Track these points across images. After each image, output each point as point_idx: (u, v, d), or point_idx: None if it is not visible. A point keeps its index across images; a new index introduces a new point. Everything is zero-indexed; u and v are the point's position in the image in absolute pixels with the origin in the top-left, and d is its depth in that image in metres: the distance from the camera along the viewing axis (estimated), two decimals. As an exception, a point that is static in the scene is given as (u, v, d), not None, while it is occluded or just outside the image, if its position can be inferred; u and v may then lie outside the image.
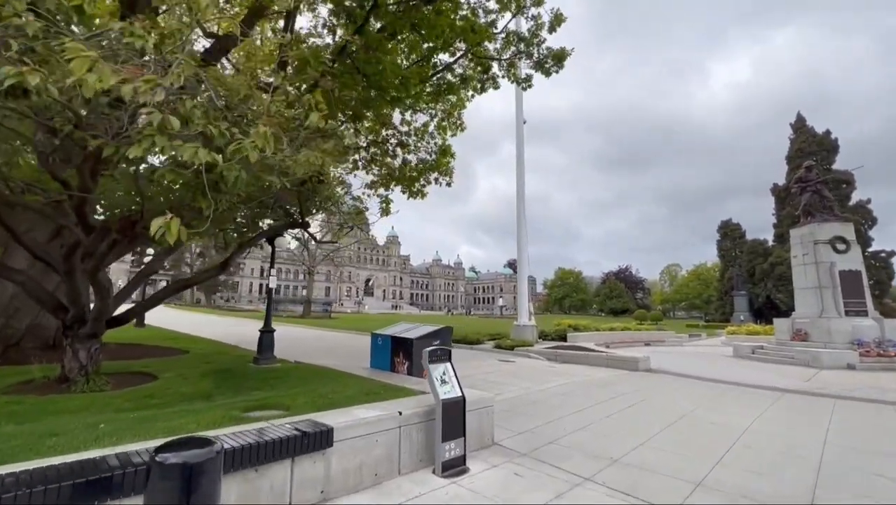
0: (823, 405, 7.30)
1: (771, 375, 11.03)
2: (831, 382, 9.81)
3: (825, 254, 14.29)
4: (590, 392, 7.80)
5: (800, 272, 15.05)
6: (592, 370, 11.00)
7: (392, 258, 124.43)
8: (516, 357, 13.55)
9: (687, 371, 11.45)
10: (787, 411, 6.75)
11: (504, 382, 8.54)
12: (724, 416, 6.28)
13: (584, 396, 7.46)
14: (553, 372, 10.33)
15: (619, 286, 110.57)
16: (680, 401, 7.27)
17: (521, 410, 6.31)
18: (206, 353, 10.35)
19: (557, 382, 8.85)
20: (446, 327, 7.12)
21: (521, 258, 18.24)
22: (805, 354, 12.85)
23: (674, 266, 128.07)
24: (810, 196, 15.33)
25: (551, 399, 7.12)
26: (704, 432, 5.40)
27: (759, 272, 54.27)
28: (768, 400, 7.58)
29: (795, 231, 15.67)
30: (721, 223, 64.89)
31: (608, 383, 8.88)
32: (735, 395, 8.08)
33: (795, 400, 7.75)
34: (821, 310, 14.00)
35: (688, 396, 7.71)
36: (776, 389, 8.89)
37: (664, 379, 9.83)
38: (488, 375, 9.37)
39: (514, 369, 10.52)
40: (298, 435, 3.22)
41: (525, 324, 17.50)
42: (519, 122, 19.15)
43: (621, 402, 7.06)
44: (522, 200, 18.57)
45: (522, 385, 8.31)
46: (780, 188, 55.61)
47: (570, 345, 15.00)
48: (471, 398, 4.80)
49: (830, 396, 8.21)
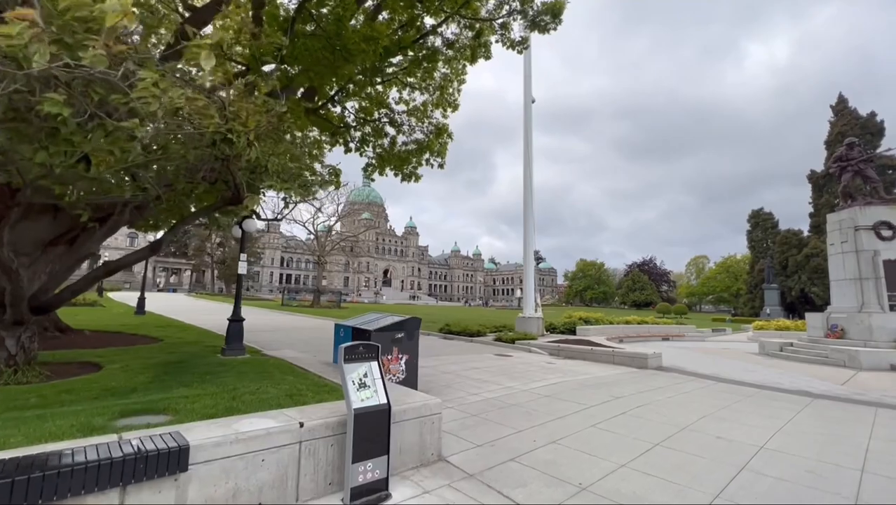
0: (861, 415, 6.12)
1: (800, 376, 9.76)
2: (871, 387, 8.51)
3: (867, 241, 12.70)
4: (582, 394, 6.82)
5: (837, 262, 13.49)
6: (595, 367, 9.98)
7: (410, 249, 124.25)
8: (515, 351, 12.61)
9: (703, 370, 10.27)
10: (816, 423, 5.62)
11: (487, 381, 7.65)
12: (738, 428, 5.22)
13: (574, 398, 6.49)
14: (549, 369, 9.36)
15: (642, 278, 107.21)
16: (687, 407, 6.22)
17: (490, 416, 5.41)
18: (178, 342, 9.84)
19: (549, 380, 7.89)
20: (413, 318, 6.26)
21: (528, 246, 17.15)
22: (841, 353, 11.43)
23: (701, 258, 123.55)
24: (851, 177, 13.67)
25: (533, 402, 6.19)
26: (708, 451, 4.38)
27: (793, 264, 51.22)
28: (794, 408, 6.44)
29: (833, 216, 14.05)
30: (752, 212, 61.55)
31: (607, 384, 7.87)
32: (755, 401, 6.95)
33: (827, 408, 6.58)
34: (860, 304, 12.47)
35: (698, 402, 6.64)
36: (805, 393, 7.69)
37: (675, 379, 8.74)
38: (473, 372, 8.48)
39: (507, 365, 9.59)
40: (132, 456, 2.43)
41: (531, 316, 16.47)
42: (527, 101, 17.93)
43: (616, 406, 6.07)
44: (530, 186, 17.43)
45: (507, 384, 7.39)
46: (817, 175, 52.15)
47: (575, 339, 13.94)
48: (411, 405, 3.94)
49: (870, 403, 6.98)
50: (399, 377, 5.94)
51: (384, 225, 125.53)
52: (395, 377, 5.91)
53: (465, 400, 6.18)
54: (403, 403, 3.94)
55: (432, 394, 6.41)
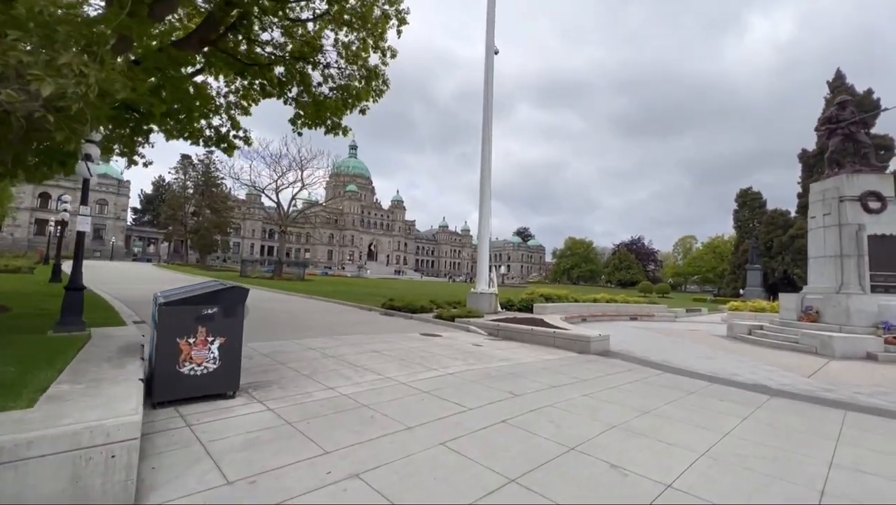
0: (824, 423, 4.70)
1: (762, 365, 8.39)
2: (842, 380, 7.14)
3: (852, 214, 11.22)
4: (473, 390, 5.30)
5: (817, 237, 12.05)
6: (526, 351, 8.52)
7: (396, 223, 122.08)
8: (450, 330, 11.13)
9: (654, 356, 8.88)
10: (763, 437, 4.17)
11: (368, 369, 6.11)
12: (650, 448, 3.74)
13: (457, 397, 4.97)
14: (468, 353, 7.88)
15: (629, 257, 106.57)
16: (601, 411, 4.74)
17: (311, 425, 3.86)
18: (28, 314, 8.18)
19: (450, 369, 6.38)
20: (234, 288, 4.63)
21: (483, 215, 15.49)
22: (813, 338, 10.10)
23: (688, 238, 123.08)
24: (841, 141, 12.06)
25: (395, 402, 4.66)
26: (583, 490, 2.88)
27: (777, 245, 50.36)
28: (741, 411, 5.00)
29: (817, 185, 12.53)
30: (740, 191, 60.29)
31: (521, 374, 6.38)
32: (695, 400, 5.51)
33: (784, 411, 5.15)
34: (839, 284, 11.10)
35: (619, 402, 5.17)
36: (762, 389, 6.29)
37: (612, 368, 7.30)
38: (365, 356, 6.95)
39: (419, 348, 8.08)
40: None
41: (482, 292, 14.97)
42: (489, 50, 15.90)
43: (503, 410, 4.57)
44: (488, 148, 15.60)
45: (390, 374, 5.86)
46: (808, 154, 50.69)
47: (523, 317, 12.50)
48: (50, 432, 2.33)
49: (838, 403, 5.58)
50: (208, 368, 4.35)
51: (370, 198, 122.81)
52: (201, 368, 4.32)
53: (305, 398, 4.64)
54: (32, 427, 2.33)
55: (270, 389, 4.88)
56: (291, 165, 33.67)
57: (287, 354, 6.87)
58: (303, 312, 13.73)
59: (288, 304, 16.32)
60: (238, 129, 13.54)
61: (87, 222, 7.25)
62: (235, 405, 4.30)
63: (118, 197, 74.82)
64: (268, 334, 8.51)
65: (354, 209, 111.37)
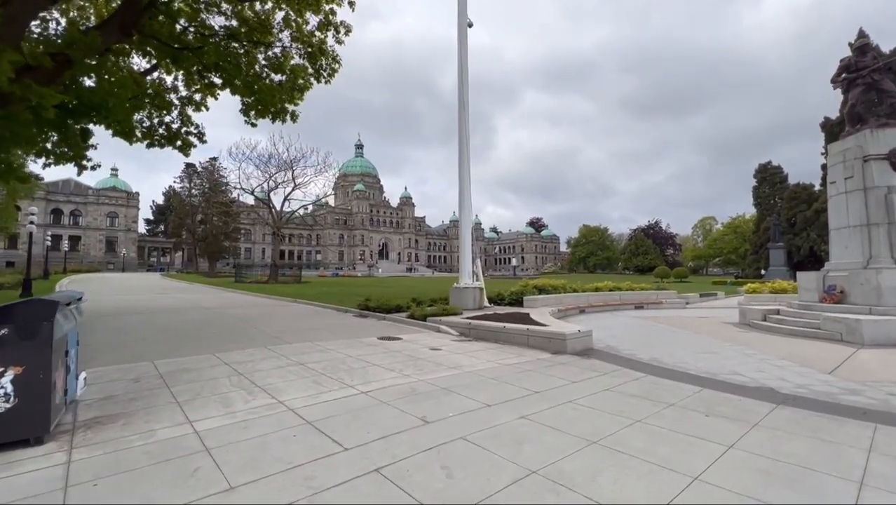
0: (847, 445, 3.38)
1: (773, 360, 6.99)
2: (873, 376, 5.72)
3: (879, 175, 9.61)
4: (375, 416, 4.13)
5: (839, 205, 10.45)
6: (492, 354, 7.31)
7: (406, 220, 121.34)
8: (418, 331, 9.98)
9: (643, 353, 7.58)
10: (751, 480, 2.89)
11: (268, 390, 5.00)
12: (597, 497, 2.51)
13: (346, 427, 3.81)
14: (414, 360, 6.70)
15: (646, 242, 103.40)
16: (534, 441, 3.52)
17: (78, 496, 2.75)
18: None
19: (371, 385, 5.21)
20: (32, 302, 3.55)
21: (463, 197, 14.22)
22: (837, 322, 8.60)
23: (708, 219, 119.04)
24: (862, 92, 10.38)
25: (246, 445, 3.51)
26: None
27: (801, 221, 47.55)
28: (732, 429, 3.72)
29: (836, 145, 10.90)
30: (759, 166, 57.21)
31: (459, 387, 5.17)
32: (676, 414, 4.23)
33: (790, 428, 3.83)
34: (867, 258, 9.52)
35: (570, 424, 3.94)
36: (767, 393, 4.96)
37: (583, 373, 6.03)
38: (278, 372, 5.85)
39: (361, 356, 6.94)
40: None
41: (466, 286, 13.75)
42: (462, 23, 14.58)
43: (390, 448, 3.39)
44: (465, 122, 14.31)
45: (288, 396, 4.73)
46: (831, 122, 47.55)
47: (501, 313, 11.23)
48: None
49: (868, 411, 4.22)
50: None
51: (378, 196, 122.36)
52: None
53: (138, 441, 3.54)
54: None
55: (110, 427, 3.73)
56: (281, 166, 32.94)
57: (190, 372, 5.82)
58: (262, 317, 12.72)
59: (253, 309, 15.36)
60: (189, 125, 12.64)
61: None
62: (29, 457, 3.23)
63: (128, 209, 75.86)
64: (191, 348, 7.50)
65: (363, 208, 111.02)
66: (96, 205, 72.25)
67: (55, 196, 68.62)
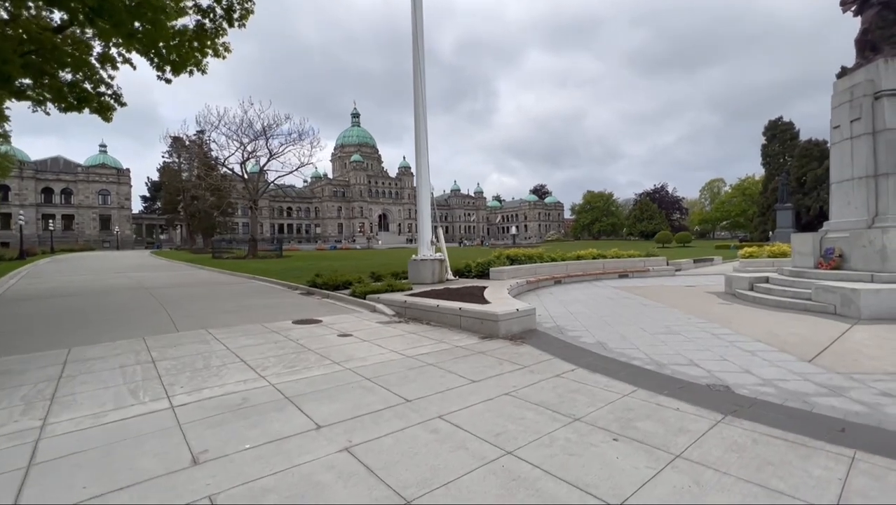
0: (806, 488, 2.14)
1: (747, 341, 5.71)
2: (864, 364, 4.42)
3: (893, 115, 7.99)
4: (128, 454, 2.95)
5: (842, 153, 8.87)
6: (410, 341, 6.11)
7: (405, 190, 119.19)
8: (348, 312, 8.82)
9: (592, 335, 6.35)
10: None
11: (64, 403, 3.85)
12: None
13: (55, 486, 2.63)
14: (306, 352, 5.53)
15: (651, 207, 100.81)
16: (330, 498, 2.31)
17: None
18: None
19: (204, 393, 4.03)
20: None
21: (420, 156, 12.72)
22: (831, 292, 7.24)
23: (716, 181, 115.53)
24: (875, 14, 8.58)
25: None
26: None
27: (812, 179, 45.16)
28: (648, 460, 2.48)
29: (843, 81, 9.22)
30: (768, 123, 54.13)
31: (312, 395, 3.98)
32: (588, 430, 3.01)
33: (732, 452, 2.57)
34: (872, 215, 8.05)
35: (426, 454, 2.74)
36: (722, 391, 3.69)
37: (497, 367, 4.82)
38: (111, 373, 4.70)
39: (241, 347, 5.78)
40: None
41: (424, 258, 12.49)
42: (413, -42, 12.63)
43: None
44: (420, 69, 12.64)
45: (64, 416, 3.58)
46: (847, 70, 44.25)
47: (453, 289, 10.00)
48: None
49: (848, 425, 2.94)
50: None
51: (377, 167, 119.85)
52: None
53: None
54: None
55: None
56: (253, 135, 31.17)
57: (8, 377, 4.68)
58: (195, 298, 11.55)
59: (198, 288, 14.21)
60: (99, 86, 11.33)
61: None
62: None
63: (119, 186, 74.71)
64: (47, 341, 6.37)
65: (361, 179, 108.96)
66: (87, 182, 71.10)
67: (44, 175, 67.52)
